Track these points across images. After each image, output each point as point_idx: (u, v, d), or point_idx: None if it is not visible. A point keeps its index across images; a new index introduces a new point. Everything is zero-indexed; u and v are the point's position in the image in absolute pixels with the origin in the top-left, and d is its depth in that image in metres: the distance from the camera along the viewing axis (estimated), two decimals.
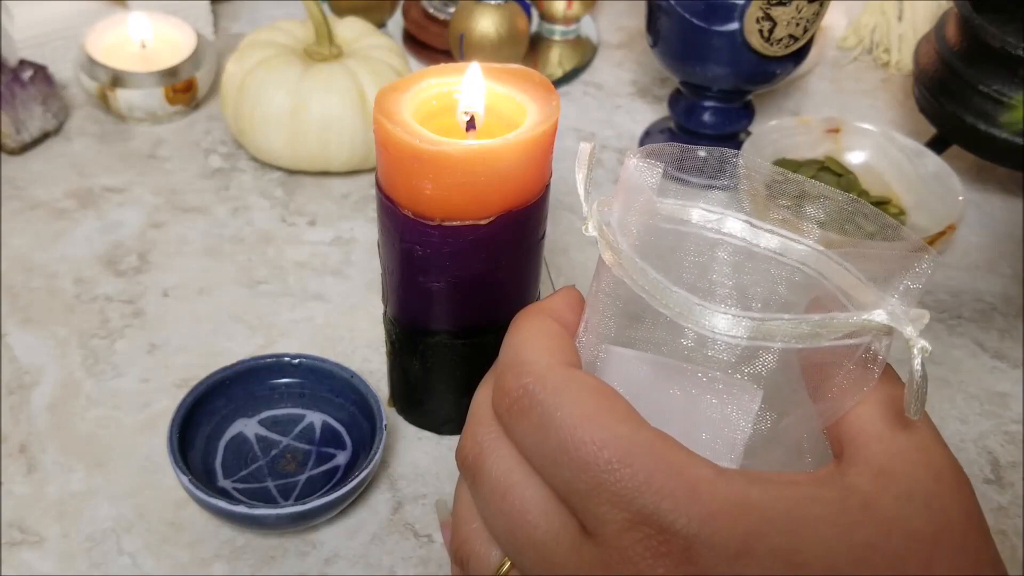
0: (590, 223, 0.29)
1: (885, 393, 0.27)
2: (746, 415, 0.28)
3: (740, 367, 0.27)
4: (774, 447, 0.28)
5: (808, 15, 0.56)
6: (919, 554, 0.24)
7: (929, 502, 0.25)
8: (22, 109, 0.62)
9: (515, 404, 0.27)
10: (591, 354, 0.30)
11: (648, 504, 0.24)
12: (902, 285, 0.26)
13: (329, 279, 0.57)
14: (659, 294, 0.26)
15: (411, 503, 0.45)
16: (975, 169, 0.68)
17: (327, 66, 0.61)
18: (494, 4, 0.65)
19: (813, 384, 0.28)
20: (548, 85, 0.39)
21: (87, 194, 0.61)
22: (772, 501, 0.24)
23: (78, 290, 0.55)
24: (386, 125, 0.36)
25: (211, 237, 0.59)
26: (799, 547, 0.24)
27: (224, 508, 0.40)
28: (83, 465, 0.46)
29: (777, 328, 0.25)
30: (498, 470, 0.28)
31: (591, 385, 0.27)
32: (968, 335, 0.57)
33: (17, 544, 0.43)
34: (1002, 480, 0.49)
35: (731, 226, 0.30)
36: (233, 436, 0.46)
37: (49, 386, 0.49)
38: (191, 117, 0.68)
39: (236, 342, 0.52)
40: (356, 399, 0.46)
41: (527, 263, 0.42)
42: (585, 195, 0.30)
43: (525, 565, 0.28)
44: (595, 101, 0.73)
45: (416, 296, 0.42)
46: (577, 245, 0.60)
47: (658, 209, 0.29)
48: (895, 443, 0.26)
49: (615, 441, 0.25)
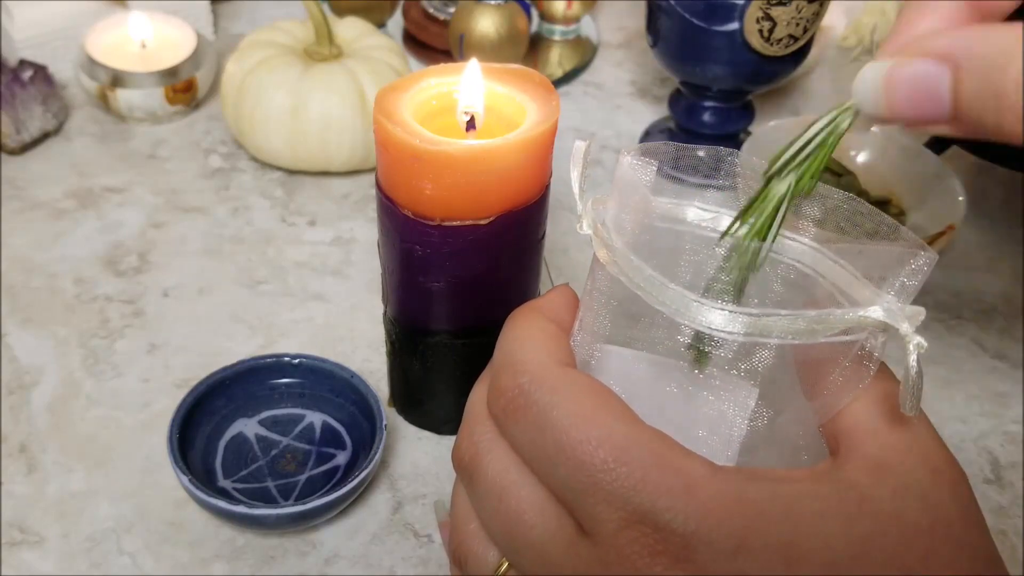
0: (584, 221, 0.29)
1: (881, 390, 0.27)
2: (742, 412, 0.28)
3: (736, 364, 0.27)
4: (770, 444, 0.28)
5: (808, 15, 0.56)
6: (916, 548, 0.24)
7: (925, 497, 0.25)
8: (22, 109, 0.62)
9: (510, 404, 0.27)
10: (586, 352, 0.30)
11: (644, 502, 0.24)
12: (898, 282, 0.26)
13: (329, 279, 0.57)
14: (655, 291, 0.26)
15: (411, 503, 0.45)
16: (975, 169, 0.68)
17: (327, 66, 0.61)
18: (494, 4, 0.65)
19: (809, 381, 0.28)
20: (548, 85, 0.39)
21: (87, 194, 0.61)
22: (768, 497, 0.24)
23: (78, 290, 0.55)
24: (386, 125, 0.36)
25: (211, 237, 0.59)
26: (796, 542, 0.24)
27: (224, 508, 0.40)
28: (83, 465, 0.46)
29: (773, 324, 0.25)
30: (494, 470, 0.28)
31: (586, 384, 0.27)
32: (968, 335, 0.57)
33: (17, 544, 0.43)
34: (1002, 480, 0.49)
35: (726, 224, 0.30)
36: (233, 436, 0.46)
37: (49, 386, 0.49)
38: (191, 117, 0.68)
39: (236, 342, 0.52)
40: (356, 399, 0.46)
41: (527, 263, 0.42)
42: (580, 193, 0.30)
43: (522, 565, 0.28)
44: (595, 101, 0.73)
45: (416, 296, 0.42)
46: (577, 245, 0.60)
47: (653, 207, 0.29)
48: (891, 439, 0.26)
49: (611, 440, 0.25)
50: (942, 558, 0.25)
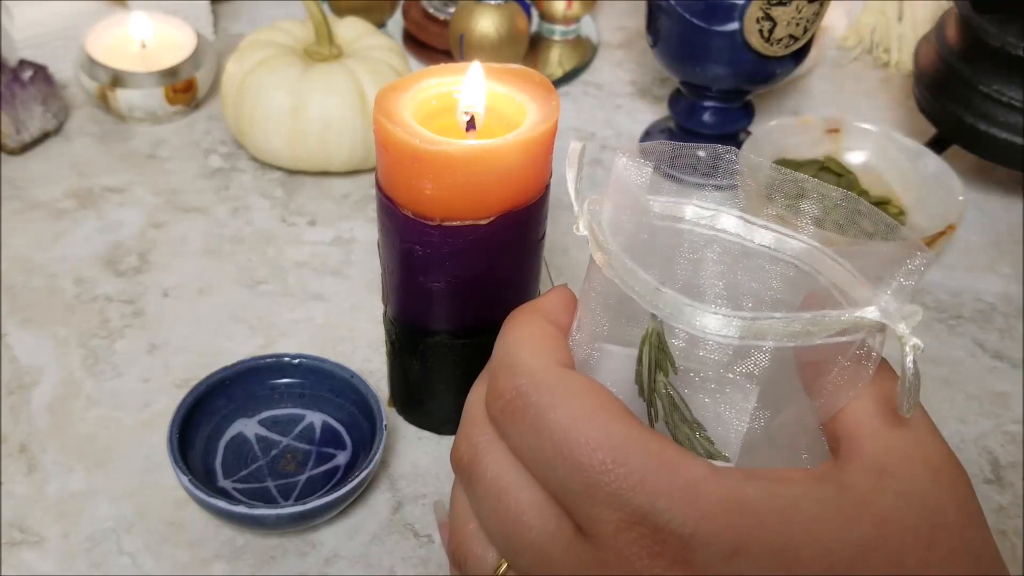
0: (581, 222, 0.29)
1: (881, 389, 0.27)
2: (741, 413, 0.28)
3: (733, 366, 0.27)
4: (770, 445, 0.28)
5: (808, 15, 0.56)
6: (915, 552, 0.24)
7: (925, 499, 0.25)
8: (22, 109, 0.62)
9: (509, 405, 0.27)
10: (584, 353, 0.30)
11: (643, 504, 0.24)
12: (895, 282, 0.26)
13: (329, 279, 0.57)
14: (649, 295, 0.26)
15: (411, 503, 0.45)
16: (975, 169, 0.68)
17: (327, 66, 0.61)
18: (494, 4, 0.65)
19: (808, 380, 0.28)
20: (548, 85, 0.39)
21: (87, 194, 0.61)
22: (767, 499, 0.24)
23: (78, 290, 0.55)
24: (386, 125, 0.36)
25: (211, 237, 0.59)
26: (794, 545, 0.24)
27: (224, 508, 0.40)
28: (83, 465, 0.46)
29: (768, 327, 0.25)
30: (493, 472, 0.28)
31: (584, 385, 0.27)
32: (968, 335, 0.57)
33: (17, 544, 0.43)
34: (1002, 480, 0.49)
35: (725, 222, 0.30)
36: (233, 436, 0.46)
37: (49, 386, 0.49)
38: (191, 117, 0.68)
39: (236, 342, 0.52)
40: (356, 399, 0.46)
41: (527, 263, 0.42)
42: (576, 194, 0.30)
43: (521, 566, 0.27)
44: (595, 101, 0.73)
45: (416, 296, 0.42)
46: (577, 245, 0.60)
47: (650, 207, 0.29)
48: (891, 440, 0.26)
49: (609, 441, 0.25)
50: (942, 561, 0.25)
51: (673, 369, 0.27)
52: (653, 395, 0.28)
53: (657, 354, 0.28)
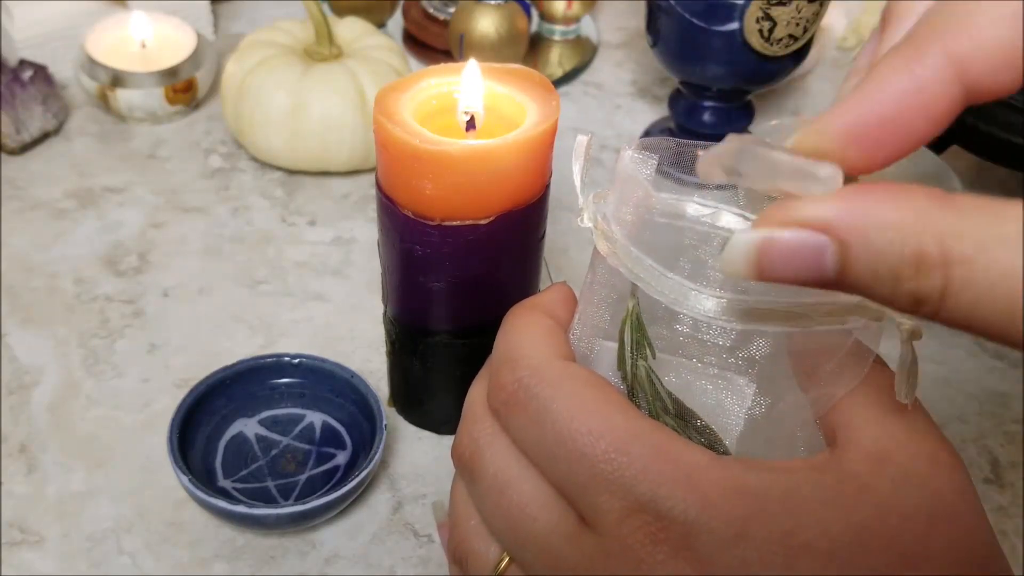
0: (585, 215, 0.29)
1: (876, 383, 0.27)
2: (740, 402, 0.28)
3: (735, 353, 0.27)
4: (768, 436, 0.29)
5: (808, 15, 0.56)
6: (915, 535, 0.25)
7: (924, 484, 0.25)
8: (22, 109, 0.62)
9: (511, 398, 0.27)
10: (585, 347, 0.30)
11: (646, 492, 0.24)
12: None
13: (329, 279, 0.57)
14: (653, 280, 0.26)
15: (411, 503, 0.45)
16: (975, 169, 0.68)
17: (327, 66, 0.61)
18: (494, 4, 0.65)
19: (805, 373, 0.28)
20: (548, 85, 0.39)
21: (87, 194, 0.61)
22: (768, 486, 0.25)
23: (78, 290, 0.55)
24: (386, 125, 0.36)
25: (211, 237, 0.59)
26: (796, 531, 0.24)
27: (224, 508, 0.40)
28: (83, 465, 0.46)
29: (771, 312, 0.25)
30: (495, 466, 0.28)
31: (586, 377, 0.27)
32: (968, 335, 0.56)
33: (17, 544, 0.43)
34: (1002, 480, 0.49)
35: (726, 220, 0.30)
36: (233, 436, 0.46)
37: (49, 386, 0.49)
38: (191, 117, 0.68)
39: (236, 342, 0.52)
40: (356, 399, 0.46)
41: (527, 263, 0.42)
42: (581, 187, 0.30)
43: (526, 559, 0.28)
44: (595, 101, 0.73)
45: (416, 296, 0.42)
46: (577, 245, 0.60)
47: (653, 203, 0.29)
48: (888, 428, 0.26)
49: (611, 431, 0.25)
50: (941, 544, 0.25)
51: (651, 352, 0.28)
52: (635, 380, 0.28)
53: (636, 335, 0.28)
